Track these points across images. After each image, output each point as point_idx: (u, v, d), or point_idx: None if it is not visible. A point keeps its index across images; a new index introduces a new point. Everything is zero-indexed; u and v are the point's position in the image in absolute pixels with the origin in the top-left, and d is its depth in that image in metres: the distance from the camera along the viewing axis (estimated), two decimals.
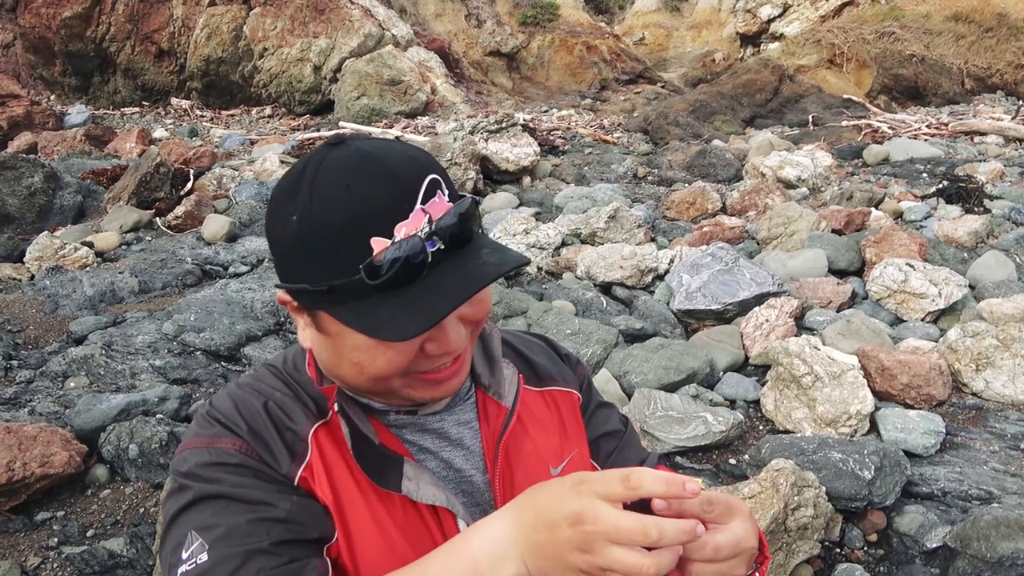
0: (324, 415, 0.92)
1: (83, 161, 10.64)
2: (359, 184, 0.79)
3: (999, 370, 4.07)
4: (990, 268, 5.70)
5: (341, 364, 0.89)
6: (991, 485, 3.17)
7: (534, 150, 10.33)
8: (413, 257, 0.78)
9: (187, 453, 0.89)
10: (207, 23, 17.39)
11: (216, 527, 0.82)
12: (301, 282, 0.83)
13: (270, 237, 0.89)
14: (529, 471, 1.01)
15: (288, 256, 0.84)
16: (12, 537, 2.88)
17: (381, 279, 0.78)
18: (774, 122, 16.42)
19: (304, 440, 0.90)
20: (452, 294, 0.79)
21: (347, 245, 0.78)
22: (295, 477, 0.88)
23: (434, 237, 0.80)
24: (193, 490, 0.85)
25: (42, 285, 5.62)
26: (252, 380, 0.98)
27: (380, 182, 0.80)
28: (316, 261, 0.80)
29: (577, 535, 0.69)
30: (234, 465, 0.86)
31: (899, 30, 19.69)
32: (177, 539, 0.83)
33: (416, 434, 0.97)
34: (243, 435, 0.89)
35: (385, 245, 0.78)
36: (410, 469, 0.91)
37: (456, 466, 0.98)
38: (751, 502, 2.72)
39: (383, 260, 0.77)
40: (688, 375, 4.11)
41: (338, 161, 0.82)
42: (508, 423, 1.00)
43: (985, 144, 12.10)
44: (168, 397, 3.69)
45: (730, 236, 6.93)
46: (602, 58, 23.15)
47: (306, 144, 11.72)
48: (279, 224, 0.84)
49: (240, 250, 6.68)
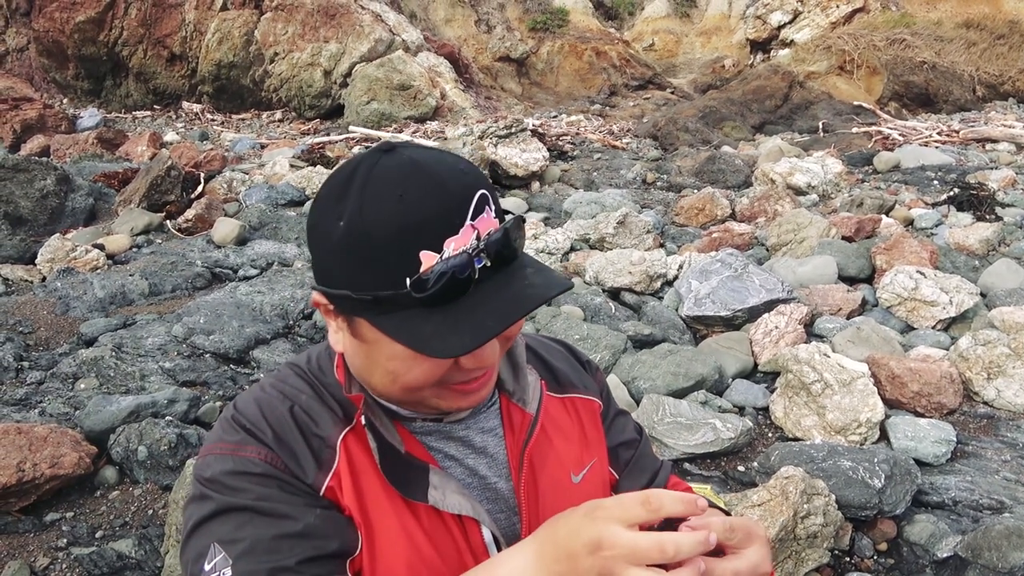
0: (350, 420, 0.92)
1: (95, 164, 10.71)
2: (411, 195, 0.78)
3: (1011, 379, 4.04)
4: (1002, 276, 5.66)
5: (374, 372, 0.88)
6: (1002, 494, 3.14)
7: (543, 155, 10.34)
8: (460, 272, 0.77)
9: (211, 459, 0.89)
10: (219, 28, 17.51)
11: (240, 541, 0.81)
12: (342, 288, 0.81)
13: (312, 238, 0.86)
14: (552, 479, 1.01)
15: (330, 260, 0.82)
16: (22, 537, 2.90)
17: (427, 293, 0.77)
18: (784, 128, 16.38)
19: (332, 447, 0.89)
20: (500, 315, 0.79)
21: (396, 256, 0.77)
22: (321, 486, 0.88)
23: (481, 254, 0.79)
24: (215, 500, 0.85)
25: (53, 287, 5.65)
26: (277, 382, 0.97)
27: (432, 194, 0.78)
28: (361, 269, 0.79)
29: (597, 562, 0.69)
30: (259, 475, 0.85)
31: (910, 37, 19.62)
32: (199, 549, 0.83)
33: (441, 441, 0.97)
34: (269, 443, 0.88)
35: (434, 260, 0.77)
36: (436, 478, 0.91)
37: (480, 473, 0.98)
38: (760, 509, 2.70)
39: (431, 274, 0.76)
40: (697, 381, 4.09)
41: (390, 169, 0.80)
42: (533, 431, 1.00)
43: (997, 151, 12.04)
44: (177, 399, 3.71)
45: (739, 242, 6.91)
46: (611, 64, 23.16)
47: (316, 148, 11.77)
48: (323, 226, 0.82)
49: (250, 253, 6.70)
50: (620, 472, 1.13)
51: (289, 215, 7.91)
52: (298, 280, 5.67)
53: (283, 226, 7.51)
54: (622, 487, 1.12)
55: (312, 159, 10.94)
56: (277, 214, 7.85)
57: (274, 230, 7.45)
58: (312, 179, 9.29)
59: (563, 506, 0.96)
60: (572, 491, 1.02)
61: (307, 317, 5.13)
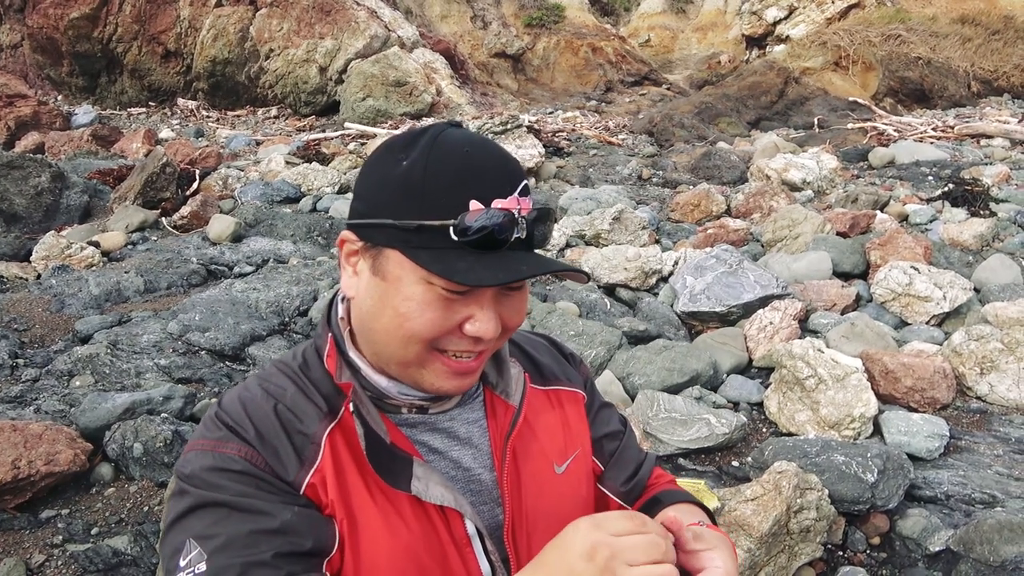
0: (335, 414, 0.93)
1: (89, 161, 10.69)
2: (476, 154, 0.87)
3: (1004, 374, 4.06)
4: (995, 271, 5.68)
5: (382, 315, 0.89)
6: (995, 489, 3.16)
7: (539, 151, 10.34)
8: (499, 232, 0.83)
9: (192, 455, 0.89)
10: (213, 24, 17.45)
11: (215, 537, 0.82)
12: (386, 217, 0.85)
13: (363, 176, 0.91)
14: (535, 469, 1.03)
15: (382, 192, 0.87)
16: (17, 534, 2.90)
17: (467, 238, 0.82)
18: (779, 124, 16.40)
19: (317, 443, 0.90)
20: (531, 265, 0.85)
21: (449, 196, 0.83)
22: (302, 484, 0.88)
23: (520, 223, 0.85)
24: (192, 495, 0.86)
25: (48, 284, 5.64)
26: (262, 380, 0.98)
27: (493, 160, 0.88)
28: (412, 200, 0.84)
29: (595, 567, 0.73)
30: (238, 472, 0.86)
31: (905, 32, 19.65)
32: (175, 545, 0.84)
33: (426, 434, 0.98)
34: (251, 440, 0.89)
35: (481, 210, 0.83)
36: (419, 469, 0.92)
37: (465, 465, 1.00)
38: (753, 504, 2.72)
39: (475, 221, 0.82)
40: (691, 377, 4.11)
41: (459, 134, 0.89)
42: (516, 422, 1.02)
43: (991, 147, 12.07)
44: (173, 396, 3.71)
45: (735, 238, 6.92)
46: (607, 60, 23.15)
47: (311, 145, 11.74)
48: (384, 165, 0.88)
49: (245, 250, 6.70)
50: (605, 463, 1.15)
51: (285, 212, 7.91)
52: (293, 277, 5.67)
53: (279, 223, 7.50)
54: (607, 478, 1.14)
55: (307, 156, 10.92)
56: (272, 211, 7.84)
57: (269, 227, 7.44)
58: (308, 176, 9.27)
59: (546, 496, 1.01)
60: (555, 481, 1.04)
61: (303, 314, 5.13)
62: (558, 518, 0.96)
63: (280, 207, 8.23)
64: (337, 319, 0.99)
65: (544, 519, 1.00)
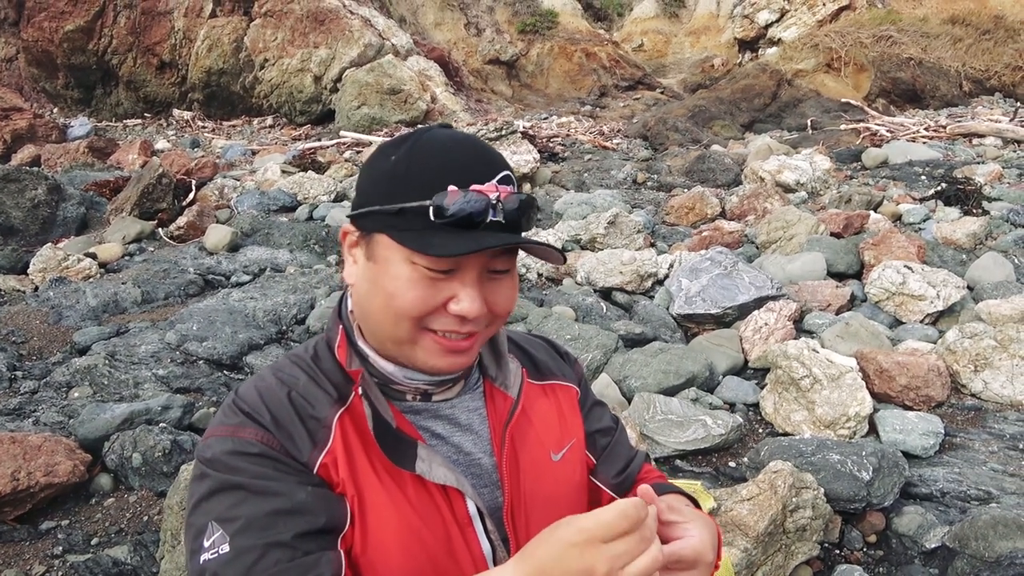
0: (345, 400, 0.99)
1: (86, 173, 10.70)
2: (457, 147, 0.95)
3: (997, 371, 4.09)
4: (988, 270, 5.71)
5: (375, 297, 0.96)
6: (990, 485, 3.18)
7: (534, 157, 10.38)
8: (476, 215, 0.89)
9: (212, 440, 0.95)
10: (208, 35, 17.50)
11: (236, 519, 0.87)
12: (375, 205, 0.94)
13: (362, 173, 1.01)
14: (533, 456, 1.09)
15: (373, 185, 0.96)
16: (17, 546, 2.91)
17: (444, 219, 0.89)
18: (773, 126, 16.47)
19: (328, 427, 0.96)
20: (499, 239, 0.91)
21: (429, 183, 0.91)
22: (315, 464, 0.94)
23: (498, 208, 0.91)
24: (213, 479, 0.91)
25: (46, 296, 5.65)
26: (275, 370, 1.04)
27: (475, 151, 0.96)
28: (396, 188, 0.92)
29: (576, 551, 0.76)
30: (255, 455, 0.92)
31: (896, 33, 19.74)
32: (199, 526, 0.89)
33: (430, 420, 1.04)
34: (266, 425, 0.94)
35: (459, 194, 0.90)
36: (423, 451, 0.98)
37: (466, 450, 1.05)
38: (749, 504, 2.73)
39: (453, 204, 0.89)
40: (688, 379, 4.13)
41: (444, 133, 0.98)
42: (514, 412, 1.08)
43: (983, 146, 12.13)
44: (171, 406, 3.72)
45: (729, 240, 6.95)
46: (601, 65, 23.23)
47: (307, 154, 11.76)
48: (376, 163, 0.97)
49: (242, 260, 6.71)
50: (597, 457, 1.21)
51: (281, 221, 7.92)
52: (290, 285, 5.69)
53: (275, 232, 7.51)
54: (599, 471, 1.20)
55: (303, 165, 10.95)
56: (269, 220, 7.85)
57: (266, 236, 7.45)
58: (304, 184, 9.29)
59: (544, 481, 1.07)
60: (552, 468, 1.10)
61: (300, 322, 5.15)
62: (555, 501, 1.07)
63: (276, 216, 8.24)
64: (348, 312, 1.05)
65: (542, 502, 1.06)
